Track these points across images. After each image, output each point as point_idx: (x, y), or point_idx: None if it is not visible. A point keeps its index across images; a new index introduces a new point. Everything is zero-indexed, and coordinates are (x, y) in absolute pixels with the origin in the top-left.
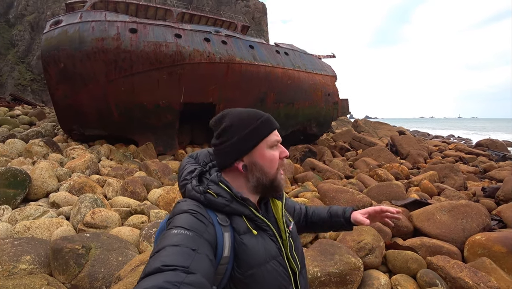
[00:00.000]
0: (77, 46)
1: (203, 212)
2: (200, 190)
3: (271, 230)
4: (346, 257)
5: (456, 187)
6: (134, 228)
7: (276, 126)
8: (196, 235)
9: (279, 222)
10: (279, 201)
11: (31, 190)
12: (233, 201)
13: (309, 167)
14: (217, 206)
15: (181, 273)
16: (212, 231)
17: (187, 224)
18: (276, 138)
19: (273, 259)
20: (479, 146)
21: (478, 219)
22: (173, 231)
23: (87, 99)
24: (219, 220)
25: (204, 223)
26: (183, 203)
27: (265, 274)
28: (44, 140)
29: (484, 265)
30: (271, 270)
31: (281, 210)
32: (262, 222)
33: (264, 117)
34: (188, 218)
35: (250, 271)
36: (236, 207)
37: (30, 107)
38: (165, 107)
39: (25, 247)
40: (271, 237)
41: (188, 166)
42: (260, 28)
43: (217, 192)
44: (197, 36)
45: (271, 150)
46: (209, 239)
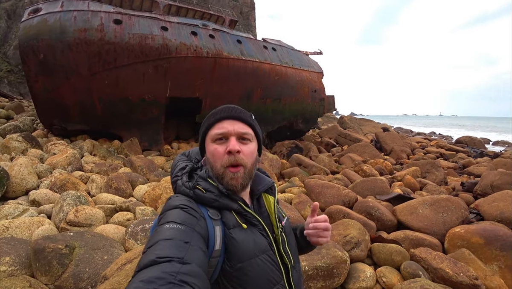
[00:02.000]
0: (58, 36)
1: (194, 206)
2: (190, 186)
3: (261, 225)
4: (333, 251)
5: (437, 182)
6: (119, 226)
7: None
8: (188, 228)
9: (271, 216)
10: (271, 196)
11: (9, 187)
12: (222, 196)
13: (295, 162)
14: (206, 201)
15: (177, 263)
16: (203, 225)
17: (179, 218)
18: (217, 132)
19: (263, 253)
20: (459, 142)
21: (457, 212)
22: (166, 226)
23: (68, 92)
24: (210, 214)
25: (195, 217)
26: (175, 199)
27: (254, 267)
28: (22, 136)
29: (463, 256)
30: (261, 263)
31: (274, 205)
32: (252, 216)
33: (214, 110)
34: (179, 213)
35: (239, 265)
36: (224, 202)
37: (7, 100)
38: (150, 102)
39: (4, 247)
40: (261, 232)
41: (180, 163)
42: (248, 23)
43: (205, 187)
44: (184, 29)
45: (215, 143)
46: (201, 232)
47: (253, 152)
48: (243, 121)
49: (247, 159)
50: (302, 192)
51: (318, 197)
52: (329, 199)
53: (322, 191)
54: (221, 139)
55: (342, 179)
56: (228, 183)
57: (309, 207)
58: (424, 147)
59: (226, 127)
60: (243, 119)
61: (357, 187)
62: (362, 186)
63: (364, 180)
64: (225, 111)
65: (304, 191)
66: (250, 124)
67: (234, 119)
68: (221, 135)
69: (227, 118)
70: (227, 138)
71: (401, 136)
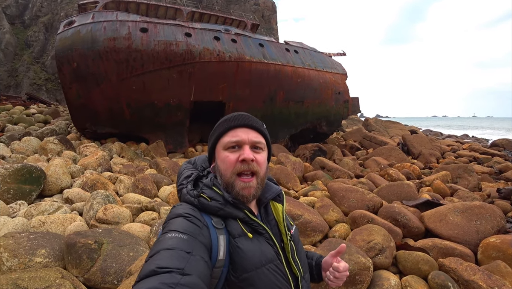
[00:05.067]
0: (89, 46)
1: (198, 215)
2: (194, 194)
3: (268, 234)
4: (356, 257)
5: (470, 187)
6: (144, 224)
7: (238, 125)
8: (191, 237)
9: (280, 225)
10: (279, 204)
11: (46, 186)
12: (227, 205)
13: (318, 165)
14: (211, 209)
15: (176, 274)
16: (206, 234)
17: (181, 227)
18: (231, 140)
19: (270, 263)
20: (495, 146)
21: (492, 220)
22: (168, 235)
23: (99, 98)
24: (214, 223)
25: (198, 226)
26: (178, 207)
27: (261, 277)
28: (58, 138)
29: (499, 269)
30: (267, 273)
31: (282, 213)
32: (258, 225)
33: (226, 117)
34: (182, 221)
35: (245, 275)
36: (230, 211)
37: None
38: (175, 106)
39: (40, 241)
40: (268, 241)
41: (185, 171)
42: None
43: (210, 195)
44: (207, 34)
45: (227, 151)
46: (204, 242)
47: (265, 160)
48: (256, 130)
49: (260, 167)
50: (325, 195)
51: (341, 201)
52: (353, 203)
53: (346, 195)
54: (233, 147)
55: (367, 183)
56: (239, 193)
57: (332, 211)
58: (455, 150)
59: (240, 136)
60: (257, 128)
61: (383, 192)
62: (388, 190)
63: (390, 184)
64: (239, 119)
65: (327, 195)
66: (263, 133)
67: (248, 127)
68: (235, 143)
69: (241, 127)
70: (240, 147)
71: (430, 139)
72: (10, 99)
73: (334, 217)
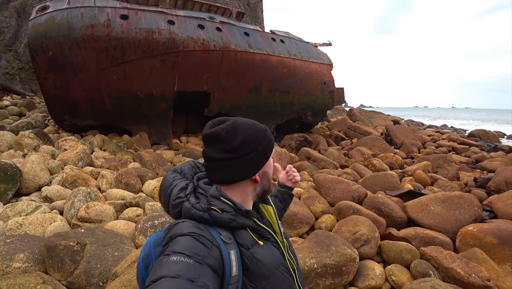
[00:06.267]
0: (65, 33)
1: (206, 233)
2: (203, 208)
3: (273, 237)
4: (342, 249)
5: (449, 177)
6: (129, 222)
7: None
8: (197, 262)
9: (274, 225)
10: (268, 205)
11: (22, 184)
12: (238, 215)
13: (304, 156)
14: (222, 222)
15: None
16: (216, 254)
17: (187, 249)
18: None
19: (281, 265)
20: (472, 136)
21: (470, 210)
22: (172, 258)
23: (78, 88)
24: (223, 237)
25: (207, 247)
26: (182, 225)
27: (277, 280)
28: (34, 132)
29: (476, 256)
30: (280, 275)
31: (274, 214)
32: (265, 230)
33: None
34: (189, 241)
35: (263, 283)
36: (241, 221)
37: (19, 98)
38: (158, 96)
39: (18, 244)
40: (274, 244)
41: (177, 182)
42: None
43: (221, 207)
44: (191, 22)
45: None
46: (212, 264)
47: None
48: None
49: None
50: (311, 186)
51: (327, 192)
52: (338, 194)
53: (332, 186)
54: None
55: (352, 173)
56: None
57: (318, 202)
58: (435, 140)
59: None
60: None
61: (367, 182)
62: (372, 181)
63: (374, 174)
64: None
65: (313, 186)
66: None
67: None
68: None
69: None
70: None
71: (412, 130)
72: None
73: (320, 208)
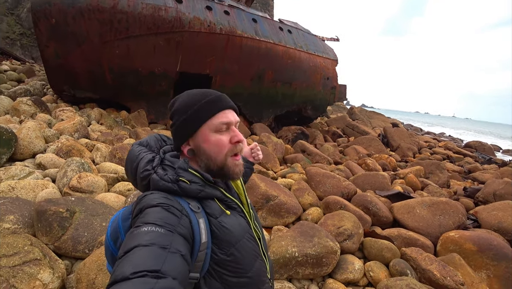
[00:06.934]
0: (70, 1)
1: (175, 203)
2: (171, 179)
3: (239, 207)
4: (325, 241)
5: (440, 184)
6: (120, 195)
7: (226, 106)
8: (168, 230)
9: (242, 196)
10: None
11: (17, 149)
12: (206, 186)
13: (299, 149)
14: (191, 192)
15: (151, 279)
16: (186, 223)
17: (158, 219)
18: (222, 121)
19: (246, 232)
20: (468, 146)
21: (455, 216)
22: (144, 229)
23: (79, 60)
24: (192, 207)
25: (176, 216)
26: (151, 196)
27: (244, 247)
28: (32, 100)
29: (454, 261)
30: (247, 242)
31: (242, 186)
32: (232, 201)
33: (209, 98)
34: (159, 212)
35: (231, 249)
36: (209, 191)
37: (19, 64)
38: (160, 75)
39: (9, 206)
40: (240, 214)
41: (143, 155)
42: (265, 1)
43: (189, 178)
44: (198, 3)
45: (217, 133)
46: (182, 233)
47: None
48: (236, 111)
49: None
50: (302, 179)
51: (317, 186)
52: (328, 188)
53: (322, 180)
54: (222, 129)
55: (344, 170)
56: (234, 171)
57: (307, 194)
58: (431, 147)
59: (229, 117)
60: (236, 110)
61: (358, 180)
62: (363, 179)
63: (366, 173)
64: (224, 100)
65: (304, 178)
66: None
67: (232, 108)
68: (226, 125)
69: (228, 108)
70: (228, 128)
71: (410, 134)
72: None
73: (309, 200)
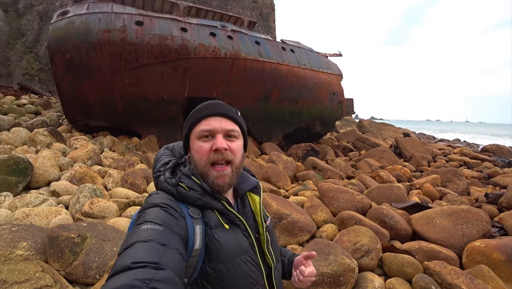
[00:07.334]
0: (83, 37)
1: (175, 205)
2: (172, 183)
3: (244, 225)
4: (341, 258)
5: (459, 191)
6: (131, 219)
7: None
8: (167, 229)
9: (257, 216)
10: (256, 195)
11: (33, 178)
12: (205, 195)
13: (310, 165)
14: (189, 199)
15: (151, 269)
16: (182, 225)
17: (158, 218)
18: (203, 128)
19: (244, 254)
20: (485, 151)
21: (478, 225)
22: (143, 227)
23: (92, 90)
24: (191, 212)
25: (174, 217)
26: (155, 196)
27: (235, 267)
28: (48, 130)
29: (482, 273)
30: (241, 264)
31: (259, 205)
32: (235, 216)
33: (199, 107)
34: (159, 212)
35: (220, 266)
36: (208, 201)
37: (37, 97)
38: (169, 101)
39: (22, 233)
40: (243, 232)
41: (163, 158)
42: (267, 24)
43: (188, 185)
44: (203, 30)
45: (199, 140)
46: (179, 233)
47: (240, 148)
48: (229, 118)
49: (235, 156)
50: (315, 195)
51: (331, 202)
52: (342, 204)
53: (335, 196)
54: (207, 136)
55: (357, 184)
56: (214, 182)
57: (321, 211)
58: (446, 154)
59: (213, 125)
60: (229, 116)
61: (372, 193)
62: (378, 192)
63: (380, 186)
64: (211, 108)
65: (317, 195)
66: (237, 121)
67: (220, 116)
68: (207, 133)
69: (213, 115)
70: (213, 136)
71: (422, 143)
72: (1, 89)
73: (323, 217)
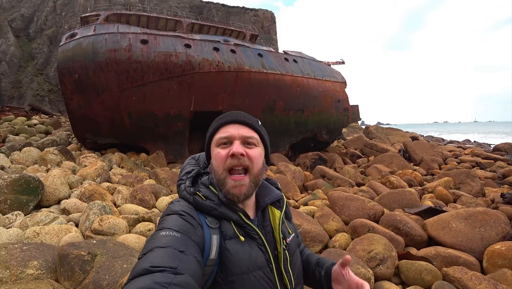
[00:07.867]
0: (90, 57)
1: (193, 213)
2: (191, 191)
3: (261, 239)
4: (355, 268)
5: (473, 193)
6: (140, 236)
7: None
8: (185, 236)
9: (275, 232)
10: (278, 210)
11: (43, 196)
12: (221, 205)
13: (319, 174)
14: (204, 208)
15: (169, 274)
16: (200, 233)
17: (176, 225)
18: (221, 136)
19: (258, 270)
20: (497, 150)
21: (497, 227)
22: (162, 233)
23: (100, 108)
24: (208, 222)
25: (192, 225)
26: (176, 204)
27: (246, 283)
28: (58, 149)
29: (505, 277)
30: (254, 280)
31: (279, 220)
32: (252, 229)
33: (220, 116)
34: (177, 219)
35: (230, 278)
36: (224, 211)
37: (47, 117)
38: (175, 116)
39: (33, 252)
40: (260, 246)
41: (187, 167)
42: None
43: (205, 194)
44: (206, 45)
45: (218, 147)
46: (197, 241)
47: (259, 156)
48: (248, 126)
49: (253, 163)
50: (325, 204)
51: (341, 210)
52: (353, 212)
53: (346, 204)
54: (225, 144)
55: (368, 191)
56: (229, 191)
57: (332, 220)
58: (457, 155)
59: (230, 132)
60: (248, 124)
61: (384, 200)
62: (389, 198)
63: (392, 192)
64: (230, 116)
65: (327, 204)
66: (256, 129)
67: (239, 123)
68: (226, 140)
69: (232, 123)
70: (231, 143)
71: (432, 145)
72: (13, 110)
73: (334, 226)
